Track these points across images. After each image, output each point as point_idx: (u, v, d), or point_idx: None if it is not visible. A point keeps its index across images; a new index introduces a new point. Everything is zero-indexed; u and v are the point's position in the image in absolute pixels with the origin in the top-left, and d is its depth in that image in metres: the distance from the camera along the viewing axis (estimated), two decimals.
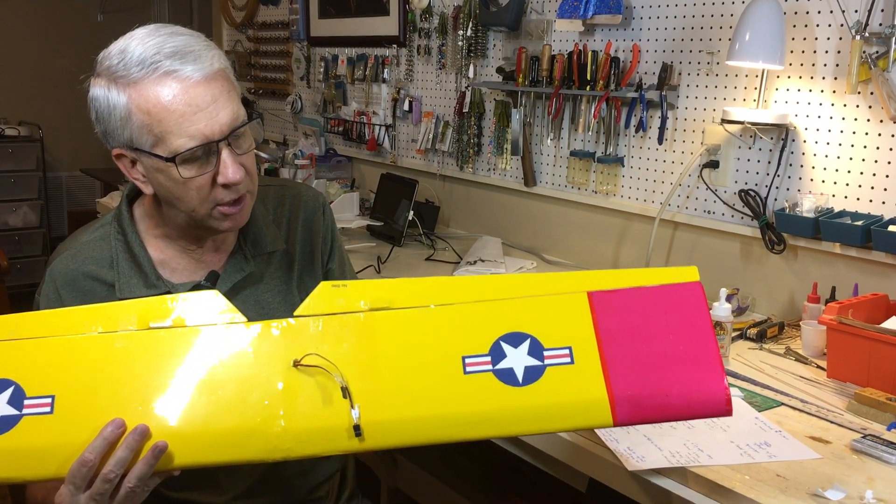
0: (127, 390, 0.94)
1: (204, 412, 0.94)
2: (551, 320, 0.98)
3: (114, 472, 0.91)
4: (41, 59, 5.02)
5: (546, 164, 2.54)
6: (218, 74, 1.08)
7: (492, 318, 0.98)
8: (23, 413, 0.92)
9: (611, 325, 0.97)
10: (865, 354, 1.46)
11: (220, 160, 1.08)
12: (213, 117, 1.06)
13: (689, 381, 0.96)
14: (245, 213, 1.16)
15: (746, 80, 1.98)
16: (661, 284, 1.00)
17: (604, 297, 0.98)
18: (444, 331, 0.97)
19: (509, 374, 0.96)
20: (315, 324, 0.97)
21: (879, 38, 1.70)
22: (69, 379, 0.94)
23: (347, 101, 3.44)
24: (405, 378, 0.96)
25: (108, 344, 0.95)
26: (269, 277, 1.27)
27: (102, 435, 0.90)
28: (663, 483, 1.19)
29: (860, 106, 1.77)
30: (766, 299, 2.00)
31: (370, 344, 0.97)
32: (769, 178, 1.95)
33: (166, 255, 1.21)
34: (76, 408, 0.93)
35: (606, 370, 0.96)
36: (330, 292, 0.99)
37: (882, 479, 1.16)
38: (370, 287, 1.00)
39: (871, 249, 1.73)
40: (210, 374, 0.95)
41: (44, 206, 4.80)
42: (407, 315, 0.98)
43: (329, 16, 3.49)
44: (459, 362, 0.96)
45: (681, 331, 0.98)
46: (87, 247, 1.20)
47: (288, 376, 0.95)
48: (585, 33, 2.35)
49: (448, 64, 2.86)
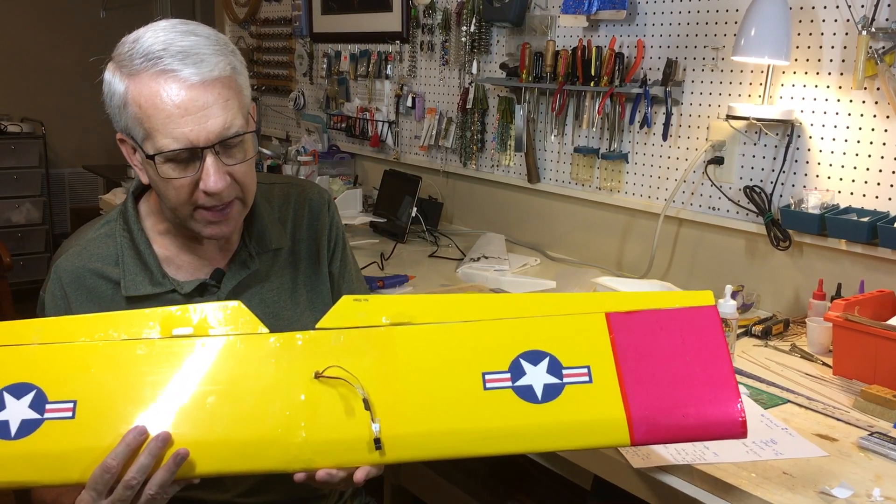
0: (149, 398, 0.94)
1: (225, 421, 0.94)
2: (570, 339, 0.99)
3: (136, 479, 0.90)
4: (44, 55, 5.02)
5: (550, 160, 2.54)
6: (219, 82, 1.06)
7: (511, 336, 0.99)
8: (45, 417, 0.92)
9: (628, 346, 0.99)
10: (872, 351, 1.45)
11: (203, 167, 1.07)
12: (200, 123, 1.04)
13: (705, 403, 0.98)
14: (232, 221, 1.15)
15: (752, 75, 1.97)
16: (676, 307, 1.02)
17: (621, 319, 1.00)
18: (464, 347, 0.99)
19: (529, 391, 0.97)
20: (337, 336, 0.98)
21: (886, 34, 1.69)
22: (91, 385, 0.94)
23: (350, 98, 3.43)
24: (425, 392, 0.97)
25: (130, 351, 0.96)
26: (274, 275, 1.26)
27: (125, 441, 0.90)
28: (669, 480, 1.18)
29: (866, 102, 1.76)
30: (772, 296, 1.99)
31: (391, 358, 0.98)
32: (774, 174, 1.94)
33: (171, 252, 1.21)
34: (98, 414, 0.93)
35: (624, 389, 0.98)
36: (352, 306, 1.00)
37: (889, 476, 1.16)
38: (392, 302, 1.01)
39: (878, 246, 1.72)
40: (232, 383, 0.96)
41: (46, 202, 4.80)
42: (428, 330, 0.99)
43: (332, 12, 3.48)
44: (479, 378, 0.97)
45: (696, 353, 0.99)
46: (93, 244, 1.20)
47: (310, 387, 0.96)
48: (589, 29, 2.34)
49: (451, 60, 2.85)
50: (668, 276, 2.22)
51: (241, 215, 1.16)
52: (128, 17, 1.23)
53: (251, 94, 1.17)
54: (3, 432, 0.91)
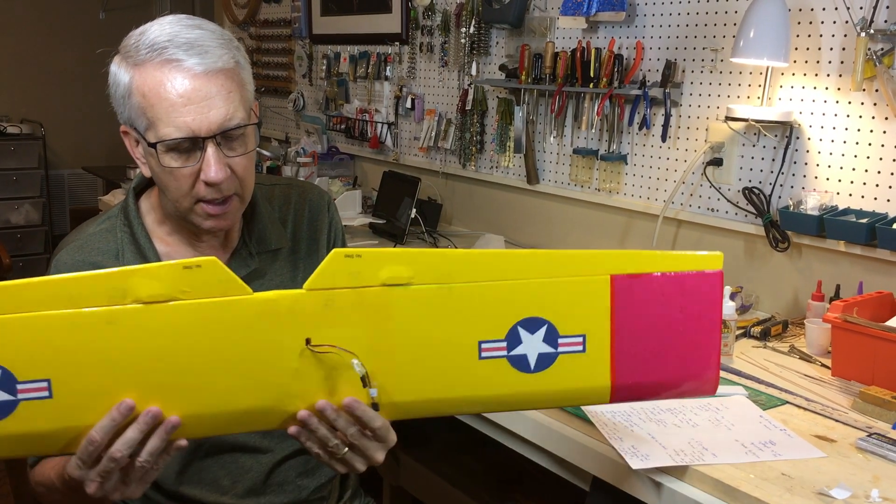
0: (127, 371, 0.89)
1: (214, 392, 0.91)
2: (570, 305, 0.96)
3: (121, 452, 0.89)
4: (44, 56, 5.02)
5: (549, 161, 2.54)
6: (222, 73, 1.07)
7: (511, 300, 0.95)
8: (19, 399, 0.87)
9: (626, 312, 0.96)
10: (870, 353, 1.45)
11: (204, 157, 1.08)
12: (203, 113, 1.06)
13: (687, 368, 0.98)
14: (231, 215, 1.15)
15: (751, 77, 1.97)
16: (683, 272, 0.98)
17: (626, 282, 0.96)
18: (462, 312, 0.94)
19: (522, 360, 0.95)
20: (327, 298, 0.91)
21: (885, 35, 1.69)
22: (62, 361, 0.87)
23: (350, 99, 3.43)
24: (419, 362, 0.94)
25: (99, 321, 0.88)
26: (274, 275, 1.27)
27: (111, 416, 0.88)
28: (667, 482, 1.18)
29: (865, 103, 1.77)
30: (770, 297, 1.99)
31: (385, 322, 0.93)
32: (773, 175, 1.94)
33: (171, 248, 1.21)
34: (77, 391, 0.88)
35: (614, 360, 0.97)
36: (343, 263, 0.91)
37: (888, 477, 1.16)
38: (386, 258, 0.92)
39: (876, 247, 1.72)
40: (217, 351, 0.90)
41: (46, 203, 4.80)
42: (424, 293, 0.92)
43: (331, 13, 3.48)
44: (475, 347, 0.94)
45: (691, 319, 0.97)
46: (94, 238, 1.21)
47: (301, 355, 0.91)
48: (589, 30, 2.34)
49: (451, 61, 2.85)
50: None
51: (238, 211, 1.17)
52: (127, 19, 1.24)
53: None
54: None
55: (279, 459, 1.25)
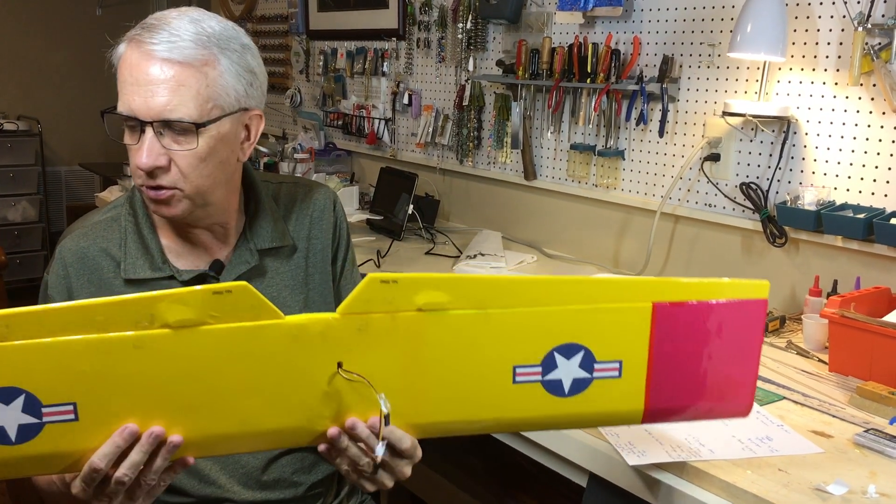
0: (157, 393, 0.88)
1: (244, 412, 0.90)
2: (609, 331, 0.94)
3: (128, 476, 0.89)
4: (40, 53, 5.00)
5: (546, 157, 2.53)
6: (181, 65, 1.06)
7: (549, 326, 0.93)
8: (44, 421, 0.86)
9: (665, 339, 0.95)
10: (868, 348, 1.45)
11: (140, 140, 1.09)
12: (146, 97, 1.06)
13: (722, 394, 0.98)
14: (173, 209, 1.13)
15: (748, 72, 1.97)
16: (728, 300, 0.96)
17: (668, 310, 0.94)
18: (498, 338, 0.92)
19: (557, 385, 0.94)
20: (361, 322, 0.89)
21: (882, 30, 1.69)
22: (87, 385, 0.86)
23: (347, 95, 3.43)
24: (452, 384, 0.93)
25: (125, 345, 0.86)
26: (276, 272, 1.27)
27: (114, 442, 0.88)
28: (664, 478, 1.18)
29: (862, 98, 1.76)
30: (768, 293, 1.99)
31: (419, 347, 0.91)
32: (770, 170, 1.94)
33: (171, 240, 1.22)
34: (103, 414, 0.88)
35: (649, 385, 0.96)
36: (378, 289, 0.89)
37: (884, 473, 1.16)
38: (422, 283, 0.90)
39: (874, 242, 1.72)
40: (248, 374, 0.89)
41: (43, 200, 4.79)
42: (461, 319, 0.91)
43: (328, 9, 3.48)
44: (510, 371, 0.93)
45: (730, 347, 0.97)
46: (98, 227, 1.22)
47: (332, 380, 0.90)
48: (586, 25, 2.34)
49: (448, 57, 2.84)
50: (665, 272, 2.22)
51: (185, 203, 1.13)
52: (124, 15, 1.23)
53: (256, 104, 1.17)
54: (2, 438, 0.86)
55: (275, 455, 1.25)
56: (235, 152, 1.17)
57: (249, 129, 1.18)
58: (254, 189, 1.27)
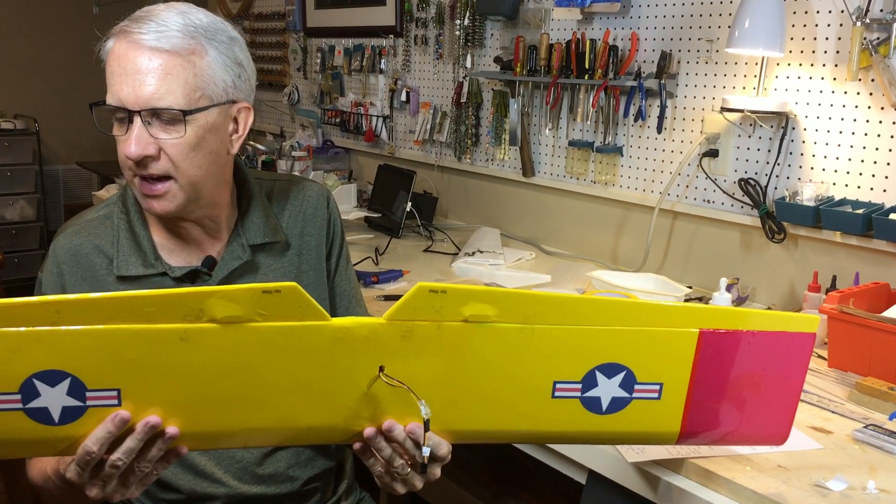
0: (199, 384, 0.89)
1: (282, 408, 0.92)
2: (652, 354, 0.95)
3: (122, 461, 0.90)
4: (37, 51, 4.99)
5: (544, 154, 2.53)
6: (168, 54, 1.07)
7: (593, 345, 0.94)
8: (87, 405, 0.88)
9: (709, 365, 0.96)
10: (867, 344, 1.45)
11: (129, 130, 1.09)
12: (134, 86, 1.06)
13: (759, 423, 0.99)
14: (167, 201, 1.13)
15: (746, 67, 1.96)
16: (776, 331, 0.97)
17: (714, 337, 0.95)
18: (541, 353, 0.93)
19: (595, 402, 0.95)
20: (406, 329, 0.90)
21: (880, 25, 1.68)
22: (132, 373, 0.88)
23: (344, 92, 3.42)
24: (491, 395, 0.94)
25: (171, 337, 0.87)
26: (268, 268, 1.27)
27: (106, 428, 0.89)
28: (663, 474, 1.18)
29: (861, 93, 1.76)
30: (767, 288, 1.99)
31: (462, 356, 0.92)
32: (769, 166, 1.93)
33: (163, 236, 1.22)
34: (147, 401, 0.89)
35: (687, 409, 0.97)
36: (427, 297, 0.89)
37: (884, 468, 1.15)
38: (470, 295, 0.90)
39: (872, 238, 1.71)
40: (290, 371, 0.90)
41: (40, 199, 4.78)
42: (506, 332, 0.91)
43: (325, 6, 3.47)
44: (550, 386, 0.94)
45: (774, 378, 0.97)
46: (91, 224, 1.22)
47: (372, 383, 0.91)
48: (583, 21, 2.33)
49: (445, 54, 2.84)
50: (663, 269, 2.22)
51: (180, 196, 1.13)
52: (121, 13, 1.22)
53: (244, 96, 1.17)
54: (45, 418, 0.87)
55: (271, 450, 1.25)
56: (225, 144, 1.17)
57: (238, 122, 1.18)
58: (246, 185, 1.27)
